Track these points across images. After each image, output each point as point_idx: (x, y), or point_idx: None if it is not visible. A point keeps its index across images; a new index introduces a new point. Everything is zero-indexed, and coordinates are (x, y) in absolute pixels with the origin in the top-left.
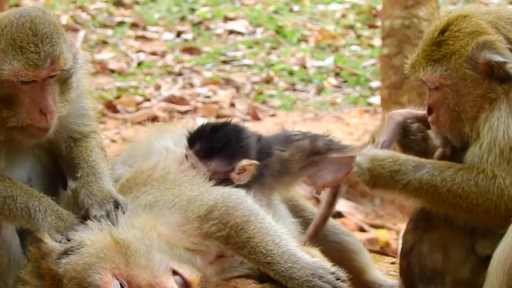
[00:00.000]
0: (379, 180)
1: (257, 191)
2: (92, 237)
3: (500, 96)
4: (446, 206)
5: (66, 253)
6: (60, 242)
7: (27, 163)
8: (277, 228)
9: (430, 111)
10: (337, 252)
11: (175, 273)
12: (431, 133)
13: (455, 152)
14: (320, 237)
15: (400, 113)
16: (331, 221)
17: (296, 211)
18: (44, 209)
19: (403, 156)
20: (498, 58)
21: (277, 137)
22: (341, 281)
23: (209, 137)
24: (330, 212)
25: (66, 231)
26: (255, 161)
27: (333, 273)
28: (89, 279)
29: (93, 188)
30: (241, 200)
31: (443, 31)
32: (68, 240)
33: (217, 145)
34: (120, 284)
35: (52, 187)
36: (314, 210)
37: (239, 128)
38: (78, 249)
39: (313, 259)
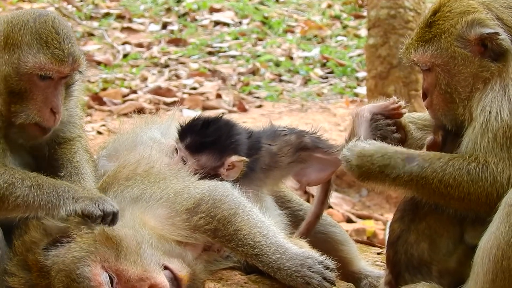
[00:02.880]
0: (369, 175)
1: (245, 185)
2: (82, 231)
3: (494, 75)
4: (437, 197)
5: (54, 244)
6: (97, 215)
7: (11, 161)
8: (264, 220)
9: (424, 95)
10: (323, 243)
11: (165, 268)
12: (411, 125)
13: (446, 141)
14: None
15: (366, 109)
16: None
17: (282, 202)
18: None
19: (391, 149)
20: (488, 30)
21: (264, 132)
22: (330, 271)
23: (200, 132)
24: (322, 209)
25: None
26: (244, 158)
27: (321, 262)
28: (78, 271)
29: None
30: (227, 193)
31: (435, 13)
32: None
33: (208, 140)
34: (110, 276)
35: None
36: (301, 201)
37: (231, 124)
38: (67, 242)
39: (301, 249)
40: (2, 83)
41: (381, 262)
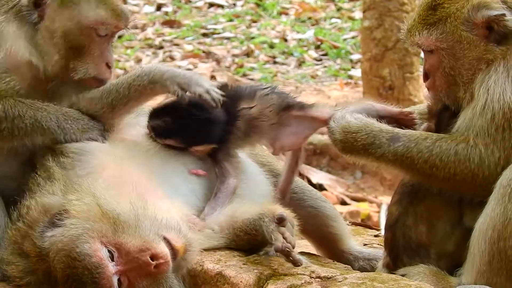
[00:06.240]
0: (352, 151)
1: (222, 158)
2: (77, 207)
3: (497, 57)
4: (421, 176)
5: (50, 225)
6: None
7: None
8: None
9: (426, 76)
10: (314, 218)
11: (164, 239)
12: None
13: (441, 127)
14: (297, 202)
15: (375, 105)
16: (308, 188)
17: (272, 175)
18: (56, 117)
19: (376, 127)
20: (495, 12)
21: (242, 92)
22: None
23: (168, 119)
24: (293, 177)
25: (89, 131)
26: (212, 146)
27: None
28: (78, 249)
29: None
30: None
31: None
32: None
33: (174, 128)
34: (110, 251)
35: None
36: None
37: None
38: (62, 220)
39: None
40: (62, 39)
41: (378, 244)
